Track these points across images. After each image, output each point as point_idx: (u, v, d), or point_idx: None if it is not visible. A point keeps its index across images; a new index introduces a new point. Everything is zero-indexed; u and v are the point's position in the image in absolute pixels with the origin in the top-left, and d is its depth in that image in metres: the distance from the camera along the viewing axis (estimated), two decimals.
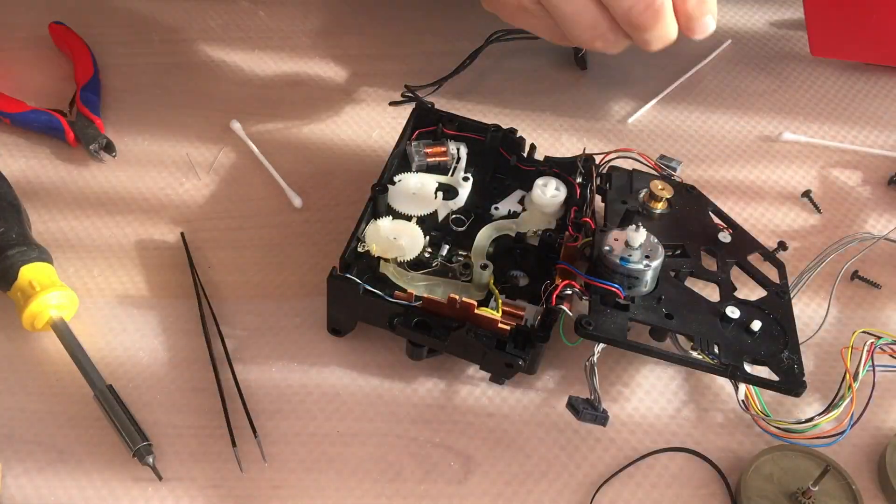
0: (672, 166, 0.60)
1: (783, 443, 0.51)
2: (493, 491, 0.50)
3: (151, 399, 0.52)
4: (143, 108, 0.68)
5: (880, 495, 0.50)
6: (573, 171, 0.58)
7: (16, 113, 0.64)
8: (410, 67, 0.69)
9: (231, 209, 0.62)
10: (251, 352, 0.55)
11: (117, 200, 0.62)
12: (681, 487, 0.51)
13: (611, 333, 0.49)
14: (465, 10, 0.77)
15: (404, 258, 0.53)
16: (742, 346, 0.49)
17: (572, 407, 0.49)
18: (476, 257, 0.54)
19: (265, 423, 0.51)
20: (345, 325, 0.55)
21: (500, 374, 0.52)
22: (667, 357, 0.49)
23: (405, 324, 0.50)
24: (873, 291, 0.60)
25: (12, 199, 0.57)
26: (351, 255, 0.53)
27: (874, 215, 0.64)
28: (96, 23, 0.73)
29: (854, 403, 0.50)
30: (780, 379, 0.48)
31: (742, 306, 0.51)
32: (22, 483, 0.49)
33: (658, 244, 0.51)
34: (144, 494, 0.49)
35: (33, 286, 0.52)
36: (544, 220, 0.57)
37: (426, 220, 0.56)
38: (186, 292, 0.57)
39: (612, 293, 0.50)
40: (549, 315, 0.50)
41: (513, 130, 0.60)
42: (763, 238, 0.62)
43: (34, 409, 0.52)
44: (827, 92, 0.73)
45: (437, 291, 0.52)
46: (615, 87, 0.71)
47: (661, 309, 0.50)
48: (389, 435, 0.52)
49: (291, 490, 0.49)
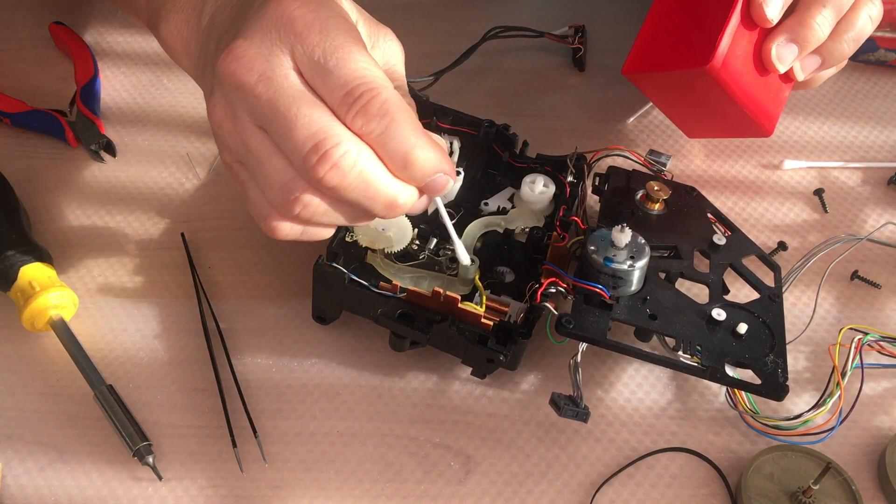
0: (662, 161, 0.60)
1: (775, 441, 0.51)
2: (492, 491, 0.50)
3: (151, 399, 0.52)
4: (143, 108, 0.68)
5: (880, 495, 0.50)
6: (565, 169, 0.58)
7: (16, 113, 0.64)
8: (410, 67, 0.69)
9: (231, 209, 0.62)
10: (251, 352, 0.55)
11: (117, 200, 0.62)
12: (681, 487, 0.51)
13: (591, 332, 0.49)
14: (464, 11, 0.77)
15: (392, 249, 0.53)
16: (725, 349, 0.49)
17: (554, 403, 0.49)
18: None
19: (265, 423, 0.51)
20: (330, 313, 0.55)
21: (481, 369, 0.52)
22: (646, 357, 0.50)
23: (388, 315, 0.51)
24: (873, 291, 0.60)
25: (12, 199, 0.57)
26: (338, 244, 0.53)
27: (874, 215, 0.64)
28: (96, 23, 0.73)
29: (842, 400, 0.50)
30: (762, 382, 0.48)
31: (729, 309, 0.51)
32: (22, 483, 0.49)
33: (645, 245, 0.51)
34: (144, 494, 0.49)
35: (33, 286, 0.52)
36: (533, 217, 0.57)
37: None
38: (186, 292, 0.57)
39: (596, 293, 0.50)
40: (532, 312, 0.51)
41: (506, 126, 0.60)
42: (764, 237, 0.62)
43: (34, 409, 0.52)
44: (827, 92, 0.73)
45: (422, 284, 0.53)
46: (614, 88, 0.71)
47: (646, 310, 0.51)
48: (389, 435, 0.52)
49: (291, 490, 0.49)
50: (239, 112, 0.44)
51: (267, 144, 0.44)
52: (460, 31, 0.73)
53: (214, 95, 0.45)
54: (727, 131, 0.63)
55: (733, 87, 0.55)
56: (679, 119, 0.65)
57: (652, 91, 0.62)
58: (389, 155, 0.43)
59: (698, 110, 0.61)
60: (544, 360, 0.55)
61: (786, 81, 0.59)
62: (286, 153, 0.43)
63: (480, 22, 0.73)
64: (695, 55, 0.55)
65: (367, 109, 0.42)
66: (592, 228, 0.53)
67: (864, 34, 0.57)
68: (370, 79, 0.42)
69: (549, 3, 0.79)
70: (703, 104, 0.59)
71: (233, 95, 0.44)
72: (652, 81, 0.60)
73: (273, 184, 0.44)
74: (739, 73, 0.55)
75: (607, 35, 0.74)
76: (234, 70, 0.43)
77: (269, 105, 0.43)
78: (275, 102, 0.42)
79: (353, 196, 0.43)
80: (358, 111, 0.42)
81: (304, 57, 0.43)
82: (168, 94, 0.69)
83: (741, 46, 0.55)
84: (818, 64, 0.57)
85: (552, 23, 0.74)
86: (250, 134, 0.44)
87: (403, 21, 0.78)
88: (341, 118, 0.43)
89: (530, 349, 0.54)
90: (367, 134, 0.42)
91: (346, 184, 0.42)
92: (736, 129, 0.61)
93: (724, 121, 0.60)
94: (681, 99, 0.61)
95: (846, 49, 0.57)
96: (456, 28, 0.75)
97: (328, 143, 0.42)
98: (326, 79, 0.43)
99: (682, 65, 0.56)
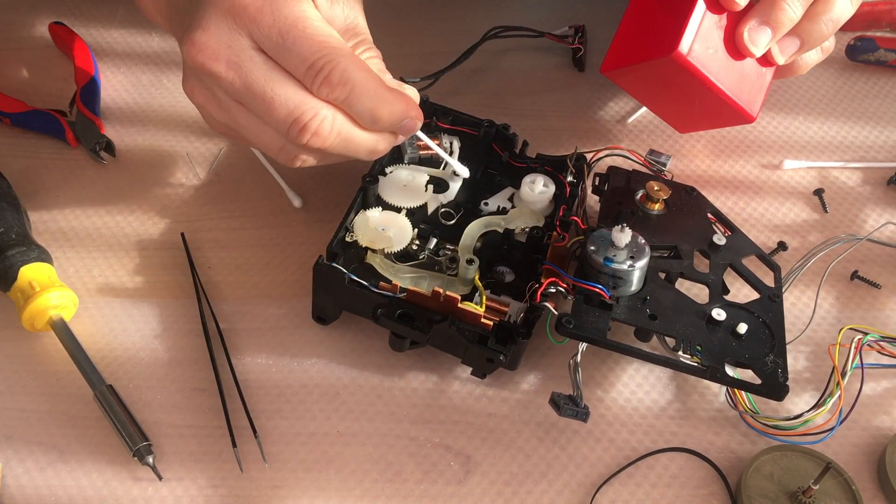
0: (662, 161, 0.60)
1: (775, 441, 0.51)
2: (492, 491, 0.50)
3: (151, 399, 0.52)
4: (143, 108, 0.68)
5: (880, 495, 0.50)
6: (565, 169, 0.58)
7: (16, 113, 0.64)
8: (410, 68, 0.69)
9: (231, 209, 0.62)
10: (251, 352, 0.55)
11: (117, 200, 0.62)
12: (681, 487, 0.51)
13: (591, 332, 0.49)
14: (464, 11, 0.77)
15: (391, 249, 0.54)
16: (725, 349, 0.50)
17: (554, 403, 0.49)
18: (463, 252, 0.55)
19: (265, 423, 0.51)
20: (330, 313, 0.55)
21: (481, 369, 0.52)
22: (646, 357, 0.50)
23: (388, 315, 0.51)
24: (873, 291, 0.60)
25: (12, 199, 0.57)
26: (338, 244, 0.53)
27: (874, 215, 0.64)
28: (96, 23, 0.73)
29: (842, 400, 0.50)
30: (762, 382, 0.48)
31: (729, 309, 0.51)
32: (22, 483, 0.49)
33: (645, 245, 0.51)
34: (144, 494, 0.49)
35: (33, 286, 0.52)
36: (533, 217, 0.57)
37: (416, 213, 0.56)
38: (186, 292, 0.57)
39: (596, 293, 0.50)
40: (532, 312, 0.51)
41: (506, 126, 0.60)
42: (764, 237, 0.62)
43: (34, 409, 0.52)
44: (827, 92, 0.73)
45: (422, 284, 0.53)
46: (614, 88, 0.71)
47: (646, 309, 0.51)
48: (389, 435, 0.52)
49: (291, 490, 0.49)
50: (218, 94, 0.48)
51: (253, 119, 0.49)
52: (460, 31, 0.73)
53: (190, 79, 0.49)
54: (712, 121, 0.63)
55: (705, 73, 0.55)
56: (665, 114, 0.65)
57: (634, 88, 0.62)
58: (358, 115, 0.48)
59: (680, 102, 0.61)
60: (544, 360, 0.55)
61: (766, 66, 0.58)
62: (271, 126, 0.48)
63: (480, 22, 0.73)
64: (662, 44, 0.55)
65: (329, 80, 0.46)
66: (592, 228, 0.53)
67: (843, 15, 0.56)
68: (327, 50, 0.46)
69: (549, 3, 0.79)
70: (683, 95, 0.58)
71: (207, 81, 0.48)
72: (630, 77, 0.60)
73: (272, 148, 0.49)
74: (711, 59, 0.55)
75: (607, 35, 0.74)
76: (202, 61, 0.47)
77: (244, 89, 0.47)
78: (248, 86, 0.47)
79: (338, 152, 0.49)
80: (322, 82, 0.46)
81: (263, 38, 0.47)
82: (168, 94, 0.69)
83: (713, 33, 0.55)
84: (797, 46, 0.57)
85: (552, 23, 0.74)
86: (234, 110, 0.48)
87: (403, 21, 0.78)
88: (309, 89, 0.47)
89: (530, 349, 0.54)
90: (335, 100, 0.47)
91: (329, 145, 0.48)
92: (720, 118, 0.60)
93: (705, 110, 0.59)
94: (661, 92, 0.61)
95: (825, 30, 0.56)
96: (456, 28, 0.75)
97: (306, 117, 0.47)
98: (287, 56, 0.47)
99: (650, 55, 0.56)
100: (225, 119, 0.50)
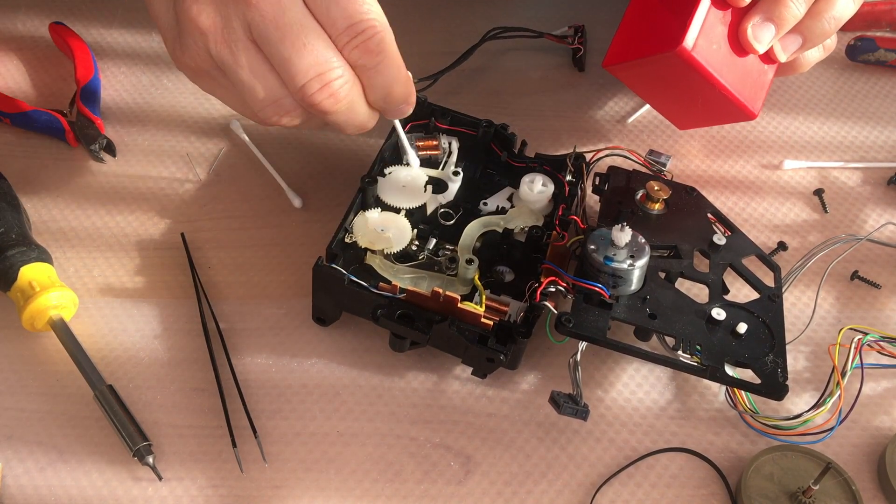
0: (662, 161, 0.60)
1: (775, 441, 0.51)
2: (492, 491, 0.50)
3: (151, 399, 0.52)
4: (143, 108, 0.68)
5: (880, 495, 0.50)
6: (564, 168, 0.58)
7: (16, 113, 0.64)
8: (409, 68, 0.69)
9: (231, 209, 0.62)
10: (251, 352, 0.55)
11: (117, 200, 0.62)
12: (681, 487, 0.51)
13: (590, 331, 0.49)
14: (464, 11, 0.77)
15: (391, 250, 0.54)
16: (725, 348, 0.50)
17: (554, 401, 0.49)
18: (462, 252, 0.55)
19: (265, 423, 0.51)
20: (330, 314, 0.55)
21: (481, 369, 0.53)
22: (646, 356, 0.50)
23: (388, 315, 0.51)
24: (873, 291, 0.60)
25: (12, 199, 0.57)
26: (338, 245, 0.53)
27: (874, 215, 0.64)
28: (96, 23, 0.73)
29: (842, 400, 0.50)
30: (762, 382, 0.48)
31: (729, 308, 0.51)
32: (22, 483, 0.49)
33: (645, 244, 0.51)
34: (144, 494, 0.49)
35: (33, 286, 0.52)
36: (532, 216, 0.57)
37: (415, 213, 0.56)
38: (186, 292, 0.57)
39: (595, 292, 0.50)
40: (531, 311, 0.51)
41: (504, 126, 0.60)
42: (764, 237, 0.62)
43: (34, 409, 0.52)
44: (827, 92, 0.73)
45: (422, 284, 0.53)
46: (614, 88, 0.71)
47: (646, 309, 0.51)
48: (389, 435, 0.52)
49: (291, 490, 0.49)
50: (234, 23, 0.45)
51: (261, 61, 0.46)
52: (460, 31, 0.73)
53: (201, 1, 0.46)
54: (713, 118, 0.63)
55: (708, 69, 0.55)
56: (666, 110, 0.65)
57: (635, 83, 0.62)
58: (373, 87, 0.48)
59: (681, 98, 0.61)
60: (544, 359, 0.55)
61: (768, 63, 0.58)
62: (281, 74, 0.46)
63: (480, 22, 0.73)
64: (666, 40, 0.55)
65: (367, 46, 0.46)
66: (592, 228, 0.53)
67: (845, 14, 0.57)
68: (373, 15, 0.46)
69: (548, 3, 0.79)
70: (685, 91, 0.58)
71: (230, 5, 0.45)
72: (632, 72, 0.60)
73: (263, 99, 0.47)
74: (714, 55, 0.55)
75: (607, 35, 0.74)
76: None
77: (274, 25, 0.45)
78: (280, 24, 0.44)
79: (337, 118, 0.48)
80: (357, 45, 0.45)
81: None
82: (168, 94, 0.69)
83: (716, 28, 0.55)
84: (799, 44, 0.57)
85: (552, 23, 0.74)
86: (242, 48, 0.46)
87: (403, 21, 0.78)
88: (340, 47, 0.46)
89: (530, 349, 0.54)
90: (360, 66, 0.46)
91: (336, 109, 0.47)
92: (721, 114, 0.60)
93: (707, 107, 0.59)
94: (663, 88, 0.61)
95: (827, 28, 0.57)
96: (456, 28, 0.75)
97: (332, 75, 0.45)
98: (331, 8, 0.45)
99: (654, 50, 0.56)
100: (222, 54, 0.46)
